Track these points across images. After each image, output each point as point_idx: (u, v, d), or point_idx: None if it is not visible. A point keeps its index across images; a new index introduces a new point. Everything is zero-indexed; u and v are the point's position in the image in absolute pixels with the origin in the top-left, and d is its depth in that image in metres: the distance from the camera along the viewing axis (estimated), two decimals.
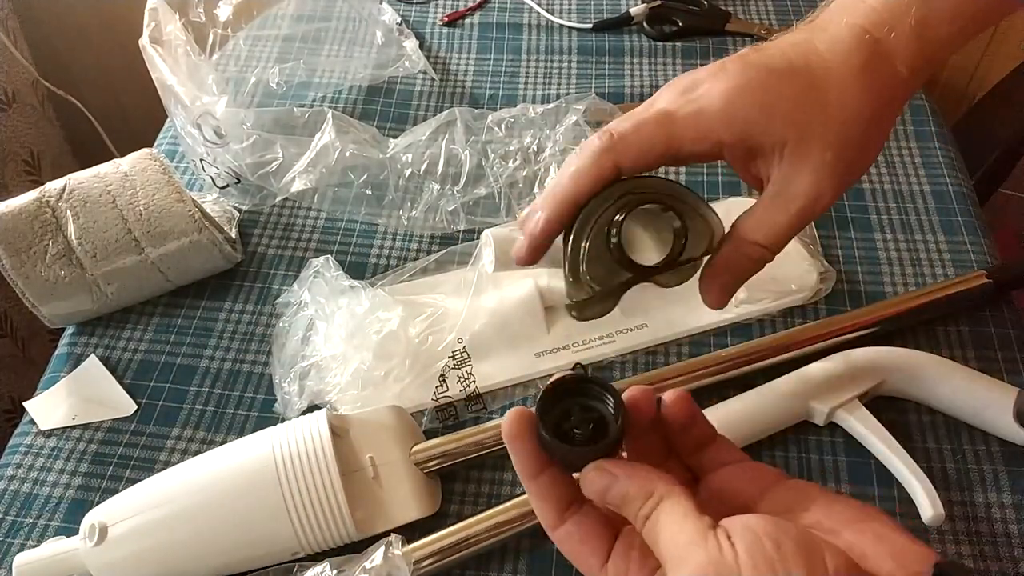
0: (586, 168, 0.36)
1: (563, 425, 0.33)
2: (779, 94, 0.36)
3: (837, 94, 0.36)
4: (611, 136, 0.36)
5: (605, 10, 0.85)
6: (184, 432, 0.58)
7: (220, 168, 0.68)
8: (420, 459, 0.52)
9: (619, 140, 0.36)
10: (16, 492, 0.56)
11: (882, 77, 0.36)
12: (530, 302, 0.59)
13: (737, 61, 0.37)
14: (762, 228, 0.37)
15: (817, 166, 0.36)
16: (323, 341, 0.59)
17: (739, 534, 0.29)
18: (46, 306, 0.60)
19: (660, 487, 0.31)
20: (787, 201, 0.37)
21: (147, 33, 0.66)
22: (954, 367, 0.54)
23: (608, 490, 0.32)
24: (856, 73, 0.36)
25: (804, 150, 0.36)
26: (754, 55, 0.37)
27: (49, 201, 0.60)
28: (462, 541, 0.49)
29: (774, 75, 0.36)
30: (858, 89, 0.36)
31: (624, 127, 0.36)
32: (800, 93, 0.36)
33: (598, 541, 0.33)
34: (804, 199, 0.36)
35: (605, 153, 0.36)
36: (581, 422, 0.33)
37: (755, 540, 0.29)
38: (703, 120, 0.36)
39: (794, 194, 0.36)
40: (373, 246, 0.68)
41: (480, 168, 0.69)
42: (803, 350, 0.56)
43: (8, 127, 1.12)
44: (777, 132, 0.36)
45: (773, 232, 0.37)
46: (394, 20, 0.82)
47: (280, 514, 0.47)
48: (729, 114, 0.35)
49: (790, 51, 0.37)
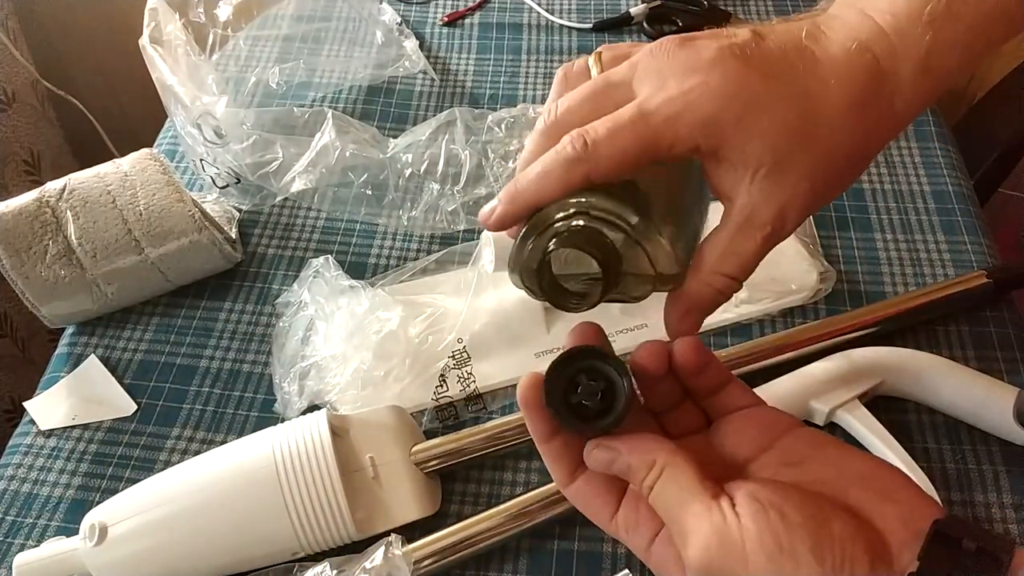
0: (555, 175, 0.34)
1: (571, 397, 0.34)
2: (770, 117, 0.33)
3: (827, 129, 0.34)
4: (585, 145, 0.33)
5: (605, 10, 0.85)
6: (184, 432, 0.58)
7: (220, 168, 0.68)
8: (420, 459, 0.52)
9: (593, 151, 0.33)
10: (16, 492, 0.56)
11: (878, 114, 0.35)
12: (530, 302, 0.59)
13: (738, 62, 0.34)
14: (730, 260, 0.35)
15: (790, 196, 0.34)
16: (323, 341, 0.59)
17: (744, 505, 0.30)
18: (46, 306, 0.60)
19: (661, 457, 0.32)
20: (755, 229, 0.34)
21: (147, 33, 0.66)
22: (954, 367, 0.54)
23: (611, 464, 0.33)
24: (852, 107, 0.34)
25: (779, 178, 0.34)
26: (758, 55, 0.34)
27: (49, 201, 0.60)
28: (462, 541, 0.49)
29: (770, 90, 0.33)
30: (851, 124, 0.34)
31: (599, 134, 0.33)
32: (790, 119, 0.33)
33: (608, 495, 0.34)
34: (772, 227, 0.34)
35: (577, 164, 0.34)
36: (589, 394, 0.33)
37: (760, 511, 0.29)
38: (683, 123, 0.33)
39: (762, 222, 0.34)
40: (373, 246, 0.68)
41: (480, 168, 0.69)
42: (803, 350, 0.56)
43: (8, 127, 1.12)
44: (756, 154, 0.33)
45: (741, 262, 0.35)
46: (394, 20, 0.83)
47: (280, 514, 0.47)
48: (712, 125, 0.33)
49: (795, 58, 0.34)
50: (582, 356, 0.34)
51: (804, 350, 0.56)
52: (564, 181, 0.34)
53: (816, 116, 0.33)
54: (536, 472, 0.54)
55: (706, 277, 0.36)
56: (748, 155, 0.33)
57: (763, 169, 0.33)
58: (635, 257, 0.35)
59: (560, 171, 0.34)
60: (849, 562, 0.28)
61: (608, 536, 0.51)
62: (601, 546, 0.51)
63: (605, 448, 0.33)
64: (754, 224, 0.34)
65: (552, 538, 0.52)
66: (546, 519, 0.50)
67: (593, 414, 0.34)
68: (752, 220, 0.34)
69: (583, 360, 0.34)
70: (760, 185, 0.34)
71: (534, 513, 0.50)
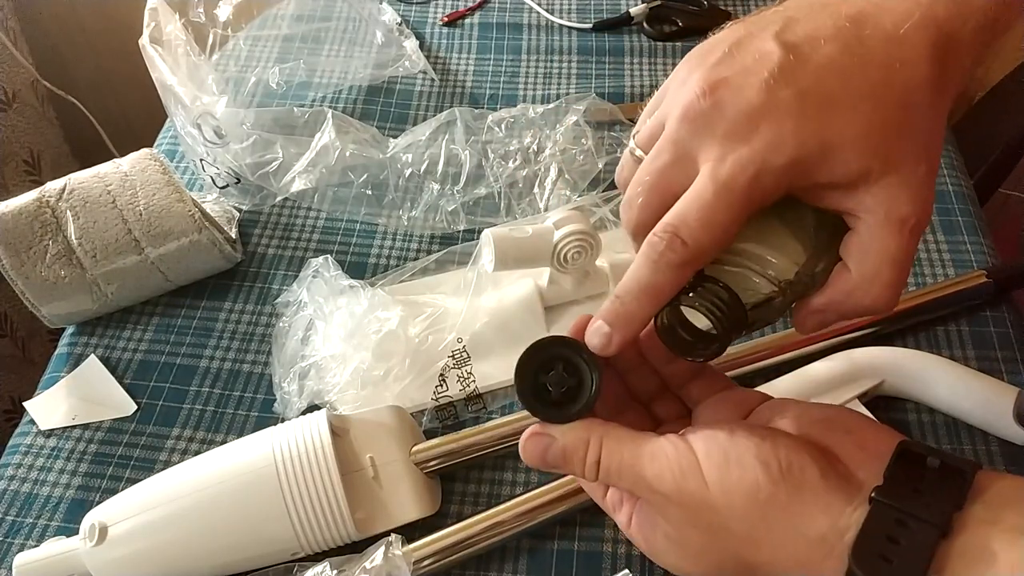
0: (665, 286, 0.32)
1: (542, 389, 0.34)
2: (852, 127, 0.30)
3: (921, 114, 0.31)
4: (684, 244, 0.31)
5: (605, 10, 0.85)
6: (184, 432, 0.58)
7: (220, 168, 0.68)
8: (420, 459, 0.52)
9: (694, 246, 0.31)
10: (16, 492, 0.56)
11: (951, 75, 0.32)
12: (530, 302, 0.59)
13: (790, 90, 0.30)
14: (884, 264, 0.32)
15: (913, 182, 0.31)
16: (322, 341, 0.59)
17: (692, 433, 0.32)
18: (46, 306, 0.60)
19: (595, 430, 0.33)
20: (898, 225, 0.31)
21: (147, 33, 0.66)
22: (954, 367, 0.54)
23: (546, 451, 0.34)
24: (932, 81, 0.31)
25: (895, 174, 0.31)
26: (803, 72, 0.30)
27: (49, 201, 0.60)
28: (462, 541, 0.49)
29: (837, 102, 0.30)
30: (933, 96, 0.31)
31: (692, 227, 0.31)
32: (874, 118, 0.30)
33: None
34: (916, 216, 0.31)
35: (684, 267, 0.31)
36: (557, 383, 0.34)
37: (708, 435, 0.31)
38: (768, 176, 0.30)
39: (902, 217, 0.31)
40: (373, 246, 0.68)
41: (480, 168, 0.69)
42: (803, 350, 0.56)
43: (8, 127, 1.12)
44: (857, 168, 0.30)
45: (899, 260, 0.32)
46: (394, 20, 0.83)
47: (280, 514, 0.47)
48: (797, 165, 0.30)
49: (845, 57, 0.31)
50: (554, 345, 0.35)
51: (804, 350, 0.56)
52: (674, 286, 0.32)
53: (908, 101, 0.31)
54: (536, 472, 0.54)
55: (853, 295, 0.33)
56: (851, 172, 0.31)
57: (874, 173, 0.31)
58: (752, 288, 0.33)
59: (667, 279, 0.32)
60: (798, 467, 0.29)
61: (608, 536, 0.51)
62: (601, 546, 0.51)
63: (538, 436, 0.34)
64: (893, 221, 0.31)
65: (552, 538, 0.52)
66: (546, 519, 0.50)
67: (563, 402, 0.34)
68: (890, 218, 0.31)
69: (556, 349, 0.35)
70: (882, 188, 0.31)
71: (534, 513, 0.50)
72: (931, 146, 0.32)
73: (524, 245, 0.56)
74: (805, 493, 0.29)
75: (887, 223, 0.31)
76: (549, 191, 0.68)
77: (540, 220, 0.61)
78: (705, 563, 0.32)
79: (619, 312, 0.32)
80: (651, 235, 0.31)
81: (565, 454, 0.33)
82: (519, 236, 0.56)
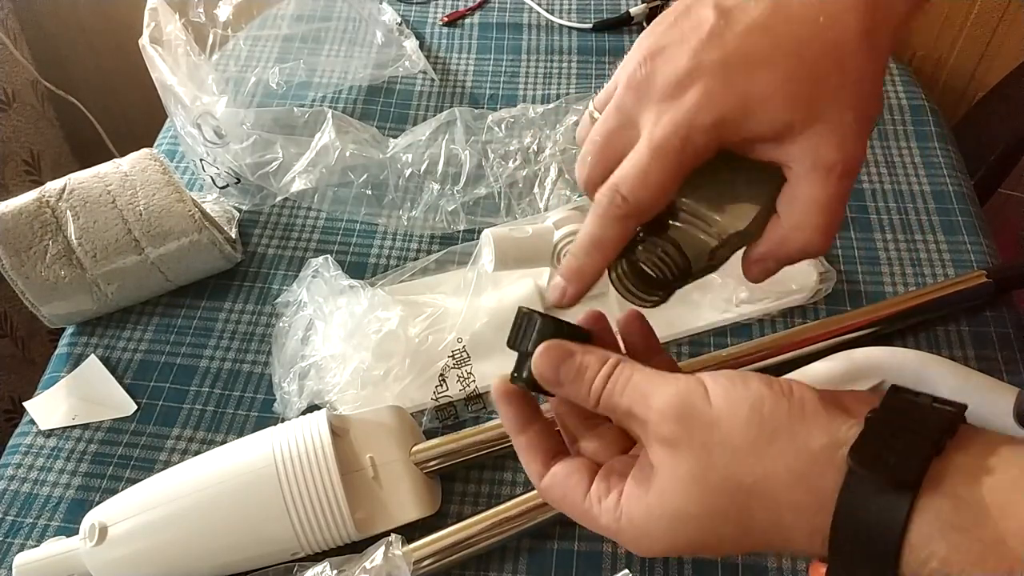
0: (609, 240, 0.35)
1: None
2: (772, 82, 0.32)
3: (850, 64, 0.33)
4: (624, 199, 0.34)
5: (605, 10, 0.85)
6: (184, 432, 0.58)
7: (220, 168, 0.68)
8: (420, 459, 0.52)
9: (634, 202, 0.34)
10: (16, 492, 0.56)
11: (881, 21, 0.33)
12: (530, 302, 0.59)
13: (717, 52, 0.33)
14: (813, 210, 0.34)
15: (839, 130, 0.33)
16: (322, 341, 0.59)
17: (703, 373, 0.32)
18: (46, 306, 0.60)
19: (615, 356, 0.34)
20: (825, 173, 0.33)
21: (147, 33, 0.66)
22: (954, 367, 0.54)
23: (563, 363, 0.34)
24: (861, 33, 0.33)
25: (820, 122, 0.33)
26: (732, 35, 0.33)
27: (49, 201, 0.60)
28: (462, 541, 0.49)
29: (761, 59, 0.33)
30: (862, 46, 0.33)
31: (631, 183, 0.34)
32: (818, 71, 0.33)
33: (582, 472, 0.35)
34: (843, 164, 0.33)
35: (625, 220, 0.35)
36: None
37: (716, 374, 0.32)
38: (698, 134, 0.33)
39: (828, 164, 0.33)
40: (373, 246, 0.68)
41: (480, 168, 0.69)
42: (803, 350, 0.56)
43: (8, 127, 1.12)
44: (783, 120, 0.33)
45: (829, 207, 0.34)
46: (394, 20, 0.83)
47: (280, 514, 0.47)
48: (723, 126, 0.33)
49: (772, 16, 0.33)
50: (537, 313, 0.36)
51: (804, 350, 0.56)
52: (620, 240, 0.35)
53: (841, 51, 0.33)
54: None
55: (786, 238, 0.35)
56: (776, 125, 0.33)
57: (796, 125, 0.33)
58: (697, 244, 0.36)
59: (612, 233, 0.35)
60: (798, 393, 0.31)
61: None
62: (601, 546, 0.51)
63: (559, 348, 0.34)
64: (819, 168, 0.33)
65: (552, 538, 0.52)
66: (546, 519, 0.50)
67: None
68: (817, 167, 0.33)
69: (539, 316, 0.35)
70: (807, 138, 0.33)
71: (534, 513, 0.50)
72: (862, 95, 0.34)
73: (524, 245, 0.56)
74: (806, 411, 0.30)
75: (813, 170, 0.33)
76: (549, 191, 0.68)
77: (540, 220, 0.61)
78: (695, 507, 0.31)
79: (572, 267, 0.36)
80: (598, 194, 0.35)
81: (580, 368, 0.34)
82: (519, 236, 0.56)
